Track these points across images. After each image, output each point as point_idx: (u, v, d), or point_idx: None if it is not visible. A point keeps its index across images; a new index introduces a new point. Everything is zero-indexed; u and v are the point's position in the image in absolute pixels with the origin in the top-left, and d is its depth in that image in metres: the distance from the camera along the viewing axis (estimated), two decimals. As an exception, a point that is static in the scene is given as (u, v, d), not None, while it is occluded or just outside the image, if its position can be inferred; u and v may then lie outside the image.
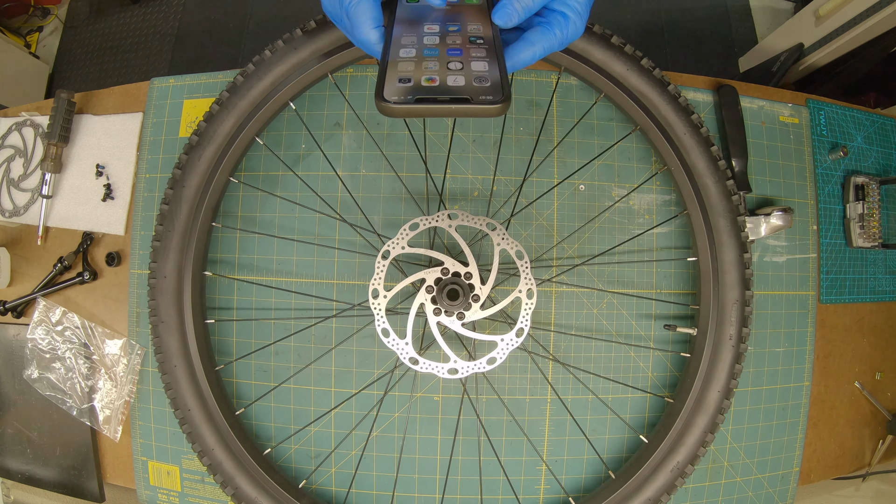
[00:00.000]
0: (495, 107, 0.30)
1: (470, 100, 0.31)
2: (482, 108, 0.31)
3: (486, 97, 0.31)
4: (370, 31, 0.38)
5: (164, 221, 0.58)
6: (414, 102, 0.30)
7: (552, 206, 0.65)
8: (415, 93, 0.31)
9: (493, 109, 0.31)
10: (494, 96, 0.31)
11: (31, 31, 1.97)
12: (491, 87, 0.31)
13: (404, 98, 0.30)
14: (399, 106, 0.30)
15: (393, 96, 0.30)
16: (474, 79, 0.32)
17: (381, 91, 0.31)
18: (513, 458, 0.64)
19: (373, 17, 0.38)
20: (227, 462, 0.57)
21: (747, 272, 0.58)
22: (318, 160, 0.66)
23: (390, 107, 0.30)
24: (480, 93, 0.31)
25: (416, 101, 0.30)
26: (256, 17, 1.87)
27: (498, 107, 0.31)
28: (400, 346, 0.53)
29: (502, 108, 0.31)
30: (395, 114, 0.31)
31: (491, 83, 0.32)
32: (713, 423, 0.57)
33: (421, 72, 0.32)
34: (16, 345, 0.70)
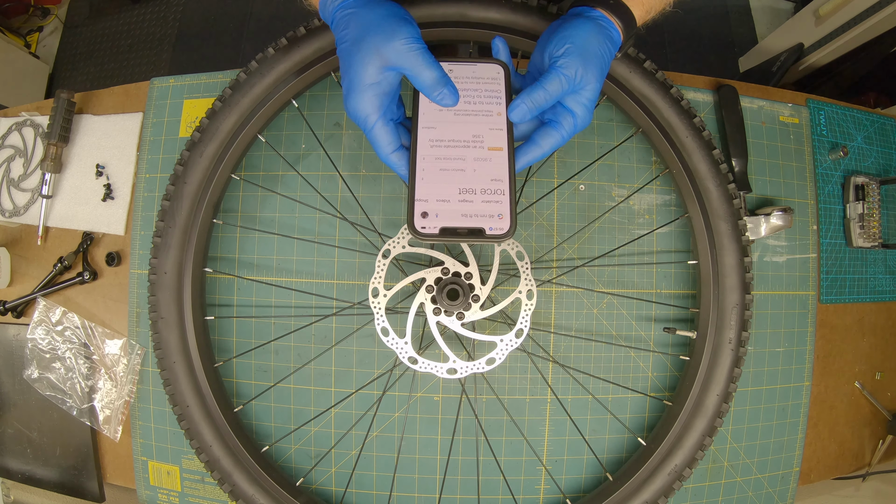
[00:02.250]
0: (503, 237, 0.40)
1: (483, 232, 0.40)
2: (492, 239, 0.40)
3: (497, 229, 0.40)
4: (390, 154, 0.42)
5: (165, 217, 0.58)
6: (439, 234, 0.39)
7: (552, 206, 0.65)
8: (439, 223, 0.40)
9: (500, 239, 0.40)
10: (503, 227, 0.40)
11: (31, 31, 1.97)
12: (501, 219, 0.40)
13: (431, 229, 0.39)
14: (426, 236, 0.39)
15: (422, 226, 0.40)
16: (490, 207, 0.40)
17: (412, 220, 0.40)
18: (512, 458, 0.64)
19: (390, 140, 0.42)
20: (224, 459, 0.57)
21: (748, 276, 0.58)
22: (319, 159, 0.66)
23: (418, 235, 0.39)
24: (493, 224, 0.40)
25: (441, 231, 0.39)
26: (256, 17, 1.87)
27: (504, 237, 0.40)
28: (399, 346, 0.53)
29: (507, 237, 0.40)
30: (423, 240, 0.40)
31: (501, 215, 0.40)
32: (711, 427, 0.57)
33: (444, 199, 0.40)
34: (16, 345, 0.70)
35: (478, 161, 0.42)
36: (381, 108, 0.42)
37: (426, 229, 0.39)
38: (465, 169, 0.41)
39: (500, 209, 0.40)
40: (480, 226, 0.39)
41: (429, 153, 0.42)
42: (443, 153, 0.42)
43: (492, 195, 0.41)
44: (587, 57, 0.42)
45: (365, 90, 0.41)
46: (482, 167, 0.41)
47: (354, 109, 0.42)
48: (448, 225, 0.39)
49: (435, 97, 0.41)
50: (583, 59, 0.41)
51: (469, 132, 0.43)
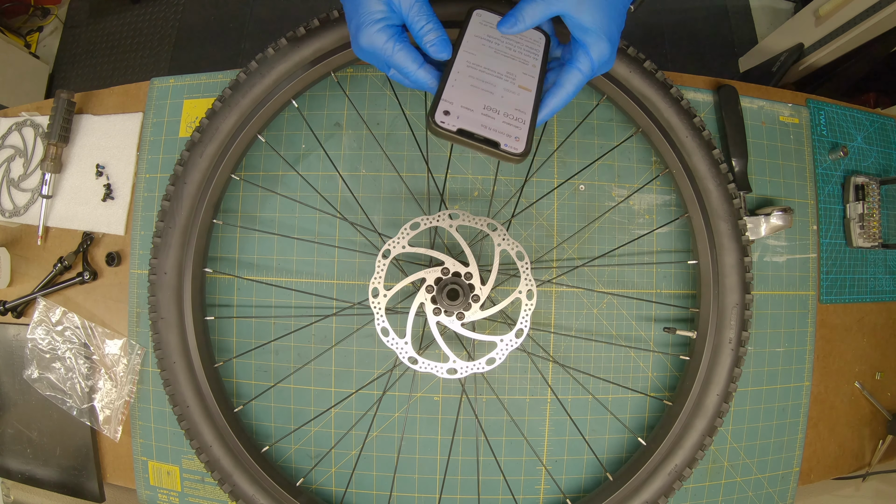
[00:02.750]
0: (515, 157, 0.40)
1: (498, 145, 0.40)
2: (505, 156, 0.40)
3: (512, 148, 0.40)
4: (417, 70, 0.43)
5: (165, 218, 0.58)
6: (455, 132, 0.39)
7: (552, 206, 0.65)
8: (458, 124, 0.39)
9: (513, 158, 0.40)
10: (517, 148, 0.40)
11: (31, 31, 1.97)
12: (517, 140, 0.40)
13: (449, 126, 0.39)
14: (443, 130, 0.39)
15: (441, 121, 0.39)
16: (509, 128, 0.41)
17: (434, 112, 0.39)
18: (512, 458, 0.64)
19: (413, 57, 0.43)
20: (224, 459, 0.57)
21: (748, 276, 0.58)
22: (319, 160, 0.66)
23: (436, 127, 0.39)
24: (509, 142, 0.40)
25: (458, 131, 0.39)
26: (256, 17, 1.87)
27: (518, 158, 0.40)
28: (399, 346, 0.53)
29: (520, 159, 0.40)
30: (438, 134, 0.39)
31: (518, 138, 0.40)
32: (712, 427, 0.57)
33: (468, 108, 0.41)
34: (16, 345, 0.70)
35: (507, 92, 0.43)
36: (393, 35, 0.42)
37: (445, 124, 0.39)
38: (493, 93, 0.42)
39: (519, 133, 0.41)
40: (497, 139, 0.40)
41: (464, 70, 0.42)
42: (477, 75, 0.43)
43: (513, 120, 0.41)
44: None
45: (373, 24, 0.42)
46: (509, 97, 0.42)
47: (368, 45, 0.43)
48: (466, 128, 0.39)
49: (423, 44, 0.42)
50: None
51: (504, 68, 0.44)
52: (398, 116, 0.65)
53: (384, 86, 0.66)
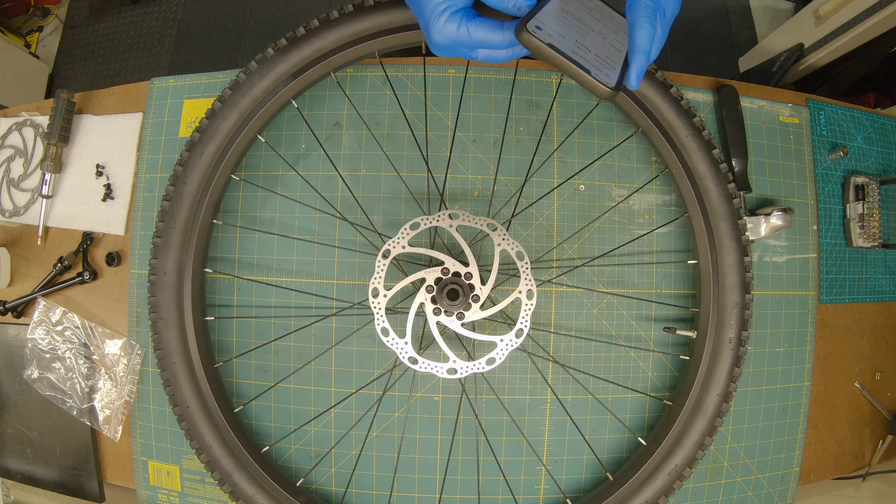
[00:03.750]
0: (604, 88, 0.37)
1: (590, 72, 0.37)
2: (595, 84, 0.37)
3: (603, 76, 0.37)
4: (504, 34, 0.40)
5: (164, 218, 0.58)
6: (547, 44, 0.37)
7: (552, 206, 0.65)
8: (550, 41, 0.37)
9: (601, 89, 0.37)
10: (609, 79, 0.37)
11: (31, 31, 1.97)
12: (609, 76, 0.38)
13: (541, 36, 0.37)
14: (534, 39, 0.37)
15: (535, 28, 0.37)
16: (600, 65, 0.38)
17: (529, 20, 0.37)
18: (513, 458, 0.64)
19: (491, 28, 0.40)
20: (224, 459, 0.57)
21: (748, 275, 0.58)
22: (319, 160, 0.66)
23: (527, 34, 0.37)
24: (600, 75, 0.38)
25: (549, 45, 0.37)
26: (256, 17, 1.87)
27: (608, 91, 0.37)
28: (399, 346, 0.53)
29: (611, 94, 0.37)
30: (527, 43, 0.37)
31: (610, 74, 0.38)
32: (712, 427, 0.57)
33: (561, 34, 0.38)
34: (16, 345, 0.70)
35: (598, 38, 0.41)
36: (463, 19, 0.41)
37: (537, 35, 0.37)
38: (585, 35, 0.40)
39: (610, 71, 0.39)
40: (588, 67, 0.37)
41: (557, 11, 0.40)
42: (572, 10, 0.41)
43: (605, 60, 0.39)
44: None
45: (440, 16, 0.41)
46: (600, 43, 0.40)
47: (443, 39, 0.41)
48: (559, 46, 0.37)
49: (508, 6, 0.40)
50: None
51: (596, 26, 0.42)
52: (398, 116, 0.65)
53: (384, 86, 0.66)
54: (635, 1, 0.42)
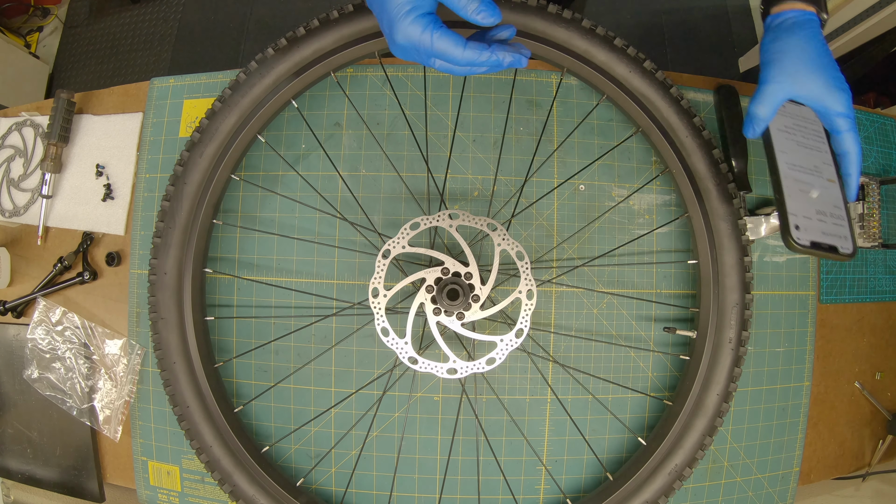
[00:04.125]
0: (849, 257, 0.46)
1: (836, 250, 0.46)
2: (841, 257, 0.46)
3: (844, 248, 0.46)
4: (464, 51, 0.41)
5: (165, 218, 0.58)
6: (809, 246, 0.46)
7: (552, 206, 0.65)
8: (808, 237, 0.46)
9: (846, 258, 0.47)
10: (847, 249, 0.47)
11: (31, 31, 1.97)
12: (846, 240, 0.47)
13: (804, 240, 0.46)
14: (800, 246, 0.45)
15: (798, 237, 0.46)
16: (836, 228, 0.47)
17: (789, 231, 0.46)
18: (513, 458, 0.64)
19: (454, 40, 0.41)
20: (224, 459, 0.57)
21: (748, 275, 0.58)
22: (319, 160, 0.66)
23: (796, 245, 0.45)
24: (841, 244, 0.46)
25: (811, 244, 0.46)
26: (256, 17, 1.87)
27: (849, 258, 0.47)
28: (399, 346, 0.53)
29: (851, 258, 0.47)
30: (795, 250, 0.46)
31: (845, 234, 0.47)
32: (712, 427, 0.57)
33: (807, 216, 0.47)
34: (16, 345, 0.70)
35: (823, 189, 0.48)
36: (429, 24, 0.41)
37: (800, 241, 0.45)
38: (815, 194, 0.48)
39: (842, 230, 0.47)
40: (835, 244, 0.46)
41: (789, 174, 0.48)
42: (797, 176, 0.48)
43: (836, 219, 0.47)
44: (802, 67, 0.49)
45: (405, 17, 0.40)
46: (825, 195, 0.48)
47: (405, 40, 0.41)
48: (815, 239, 0.46)
49: (468, 15, 0.40)
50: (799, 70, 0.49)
51: (811, 162, 0.50)
52: (398, 116, 0.65)
53: (384, 86, 0.66)
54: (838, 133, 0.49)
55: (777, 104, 0.49)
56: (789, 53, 0.49)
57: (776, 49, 0.49)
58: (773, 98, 0.49)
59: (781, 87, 0.49)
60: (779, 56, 0.49)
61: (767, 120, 0.50)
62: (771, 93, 0.49)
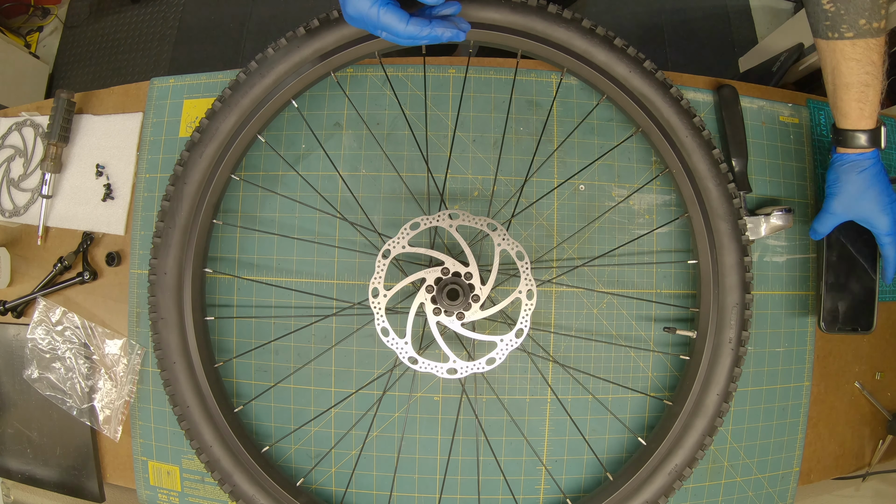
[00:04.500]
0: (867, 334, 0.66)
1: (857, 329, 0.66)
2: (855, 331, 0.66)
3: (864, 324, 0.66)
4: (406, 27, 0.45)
5: (165, 218, 0.58)
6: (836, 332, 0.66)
7: (552, 206, 0.65)
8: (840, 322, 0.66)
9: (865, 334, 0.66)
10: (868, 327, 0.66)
11: (31, 31, 1.97)
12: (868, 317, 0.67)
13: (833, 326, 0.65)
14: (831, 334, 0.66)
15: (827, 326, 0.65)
16: None
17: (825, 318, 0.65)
18: (512, 458, 0.64)
19: (399, 16, 0.45)
20: (224, 459, 0.57)
21: (748, 275, 0.58)
22: (318, 160, 0.66)
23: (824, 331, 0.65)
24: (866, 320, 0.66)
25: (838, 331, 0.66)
26: (256, 17, 1.87)
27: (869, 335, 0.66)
28: (399, 346, 0.53)
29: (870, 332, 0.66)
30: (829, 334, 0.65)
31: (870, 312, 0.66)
32: (712, 427, 0.57)
33: None
34: (16, 345, 0.70)
35: None
36: None
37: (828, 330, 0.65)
38: None
39: None
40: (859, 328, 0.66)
41: None
42: None
43: None
44: None
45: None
46: None
47: (355, 11, 0.45)
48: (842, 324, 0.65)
49: None
50: None
51: None
52: (398, 116, 0.65)
53: (384, 86, 0.66)
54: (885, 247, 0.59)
55: (834, 225, 0.60)
56: (849, 189, 0.57)
57: (839, 186, 0.58)
58: (831, 222, 0.60)
59: (836, 212, 0.59)
60: (840, 190, 0.58)
61: (826, 233, 0.61)
62: (829, 220, 0.60)
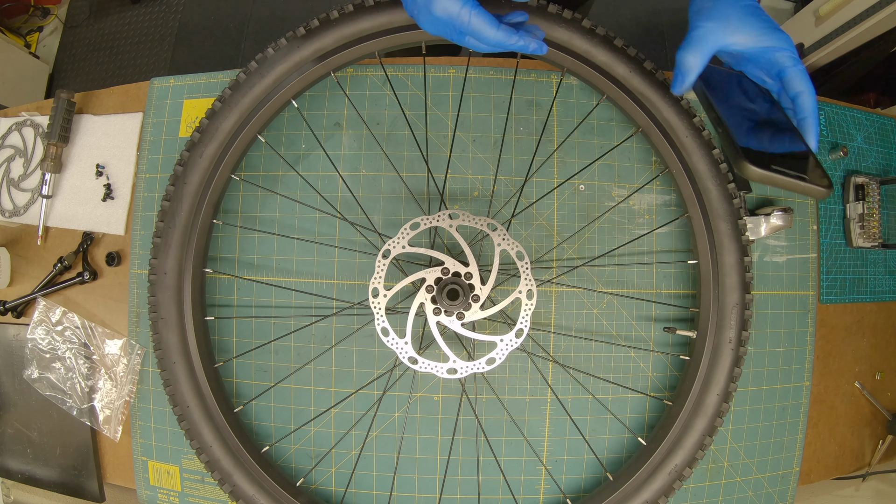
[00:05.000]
0: (823, 190, 0.41)
1: (807, 180, 0.41)
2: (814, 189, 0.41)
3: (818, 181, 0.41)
4: (497, 32, 0.42)
5: (165, 218, 0.58)
6: (769, 170, 0.40)
7: (552, 206, 0.65)
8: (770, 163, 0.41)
9: (820, 192, 0.41)
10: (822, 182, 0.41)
11: (31, 31, 1.97)
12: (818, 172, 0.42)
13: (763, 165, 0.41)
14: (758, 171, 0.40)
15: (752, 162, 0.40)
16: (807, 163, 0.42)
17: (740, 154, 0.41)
18: (512, 458, 0.64)
19: (489, 20, 0.42)
20: (224, 459, 0.57)
21: (748, 275, 0.58)
22: (318, 160, 0.66)
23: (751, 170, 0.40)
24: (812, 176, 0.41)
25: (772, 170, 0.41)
26: (256, 17, 1.87)
27: (824, 191, 0.41)
28: (399, 346, 0.53)
29: (827, 193, 0.41)
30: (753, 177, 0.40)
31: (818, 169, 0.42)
32: (712, 427, 0.57)
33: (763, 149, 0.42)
34: (16, 345, 0.70)
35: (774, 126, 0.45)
36: (467, 1, 0.41)
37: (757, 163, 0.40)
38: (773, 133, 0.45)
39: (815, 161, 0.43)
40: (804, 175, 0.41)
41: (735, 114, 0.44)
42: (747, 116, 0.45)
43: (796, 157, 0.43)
44: None
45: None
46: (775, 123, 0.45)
47: (444, 13, 0.42)
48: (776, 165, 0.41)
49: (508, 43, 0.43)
50: None
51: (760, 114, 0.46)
52: (398, 116, 0.65)
53: (384, 86, 0.66)
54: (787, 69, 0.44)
55: (709, 52, 0.44)
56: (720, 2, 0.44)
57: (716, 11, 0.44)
58: (705, 44, 0.43)
59: (713, 32, 0.43)
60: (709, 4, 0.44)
61: (698, 71, 0.44)
62: (701, 38, 0.43)
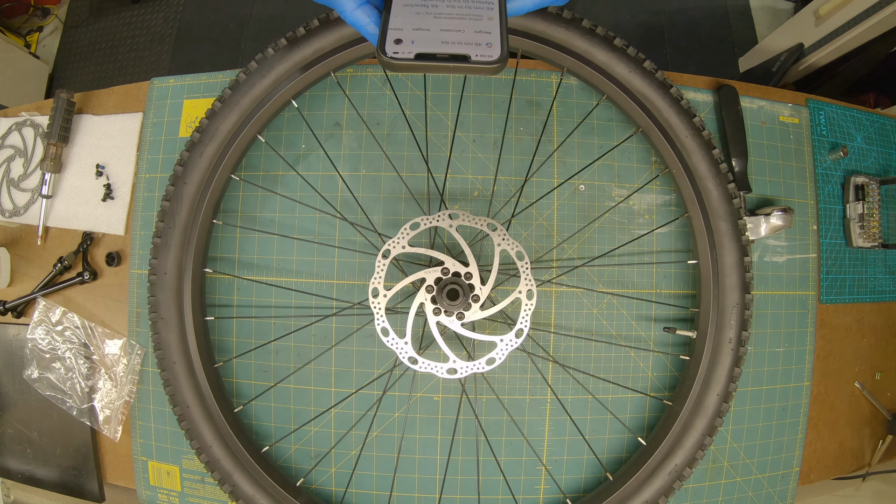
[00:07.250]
0: (492, 66, 0.33)
1: (468, 58, 0.33)
2: (479, 67, 0.33)
3: (485, 56, 0.33)
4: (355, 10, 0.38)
5: (164, 218, 0.58)
6: (414, 59, 0.33)
7: (552, 206, 0.65)
8: (415, 49, 0.33)
9: (490, 69, 0.33)
10: (492, 55, 0.33)
11: (31, 31, 1.97)
12: (489, 45, 0.33)
13: (405, 54, 0.33)
14: (399, 61, 0.33)
15: (395, 52, 0.33)
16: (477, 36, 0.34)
17: (383, 45, 0.33)
18: (512, 458, 0.64)
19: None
20: (224, 459, 0.57)
21: (748, 275, 0.58)
22: (318, 160, 0.66)
23: (390, 61, 0.33)
24: (480, 51, 0.33)
25: (416, 56, 0.33)
26: (256, 17, 1.87)
27: (495, 66, 0.33)
28: (399, 346, 0.53)
29: (499, 68, 0.33)
30: (395, 68, 0.33)
31: (489, 41, 0.34)
32: (712, 427, 0.57)
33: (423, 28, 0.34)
34: (16, 345, 0.70)
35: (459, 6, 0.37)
36: None
37: (399, 54, 0.33)
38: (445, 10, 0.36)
39: (490, 38, 0.34)
40: (465, 52, 0.33)
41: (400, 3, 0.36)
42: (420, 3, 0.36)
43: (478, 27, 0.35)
44: None
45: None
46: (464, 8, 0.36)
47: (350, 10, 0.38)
48: (426, 50, 0.33)
49: None
50: None
51: None
52: (398, 116, 0.65)
53: (384, 86, 0.66)
54: None
55: None
56: None
57: None
58: None
59: None
60: None
61: None
62: None
